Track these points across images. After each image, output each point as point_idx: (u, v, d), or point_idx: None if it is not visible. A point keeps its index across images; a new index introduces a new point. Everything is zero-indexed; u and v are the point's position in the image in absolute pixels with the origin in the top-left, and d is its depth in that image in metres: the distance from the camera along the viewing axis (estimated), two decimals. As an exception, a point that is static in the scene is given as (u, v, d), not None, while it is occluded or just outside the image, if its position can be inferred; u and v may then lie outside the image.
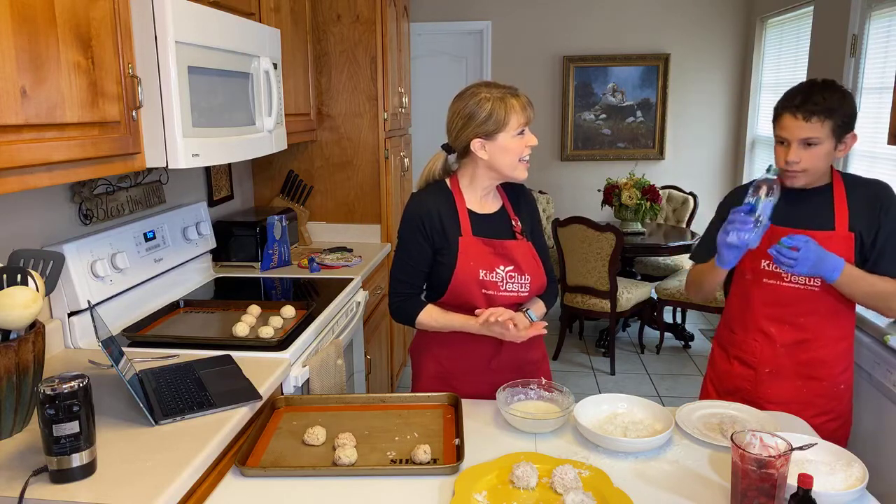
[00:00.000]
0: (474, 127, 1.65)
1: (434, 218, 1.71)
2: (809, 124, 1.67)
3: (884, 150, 3.37)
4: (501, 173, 1.71)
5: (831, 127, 1.67)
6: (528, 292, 1.74)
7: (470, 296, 1.71)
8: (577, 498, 1.19)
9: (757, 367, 1.86)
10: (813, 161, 1.70)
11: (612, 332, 4.28)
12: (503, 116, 1.64)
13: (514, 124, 1.65)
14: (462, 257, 1.70)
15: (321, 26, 3.23)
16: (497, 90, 1.67)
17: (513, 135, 1.66)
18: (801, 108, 1.68)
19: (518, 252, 1.73)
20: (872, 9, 3.51)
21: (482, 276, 1.70)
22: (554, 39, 5.49)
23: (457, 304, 1.72)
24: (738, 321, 1.91)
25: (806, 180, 1.74)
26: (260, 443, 1.46)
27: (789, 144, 1.72)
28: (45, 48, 1.34)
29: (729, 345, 1.94)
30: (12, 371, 1.36)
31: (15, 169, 1.28)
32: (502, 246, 1.72)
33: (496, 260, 1.71)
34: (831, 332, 1.81)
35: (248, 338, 1.95)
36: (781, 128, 1.73)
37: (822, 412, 1.82)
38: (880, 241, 1.74)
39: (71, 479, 1.24)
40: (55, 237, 1.95)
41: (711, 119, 5.56)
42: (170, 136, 1.72)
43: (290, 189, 3.34)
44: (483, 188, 1.75)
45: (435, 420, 1.57)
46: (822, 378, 1.82)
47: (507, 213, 1.79)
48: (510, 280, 1.71)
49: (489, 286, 1.71)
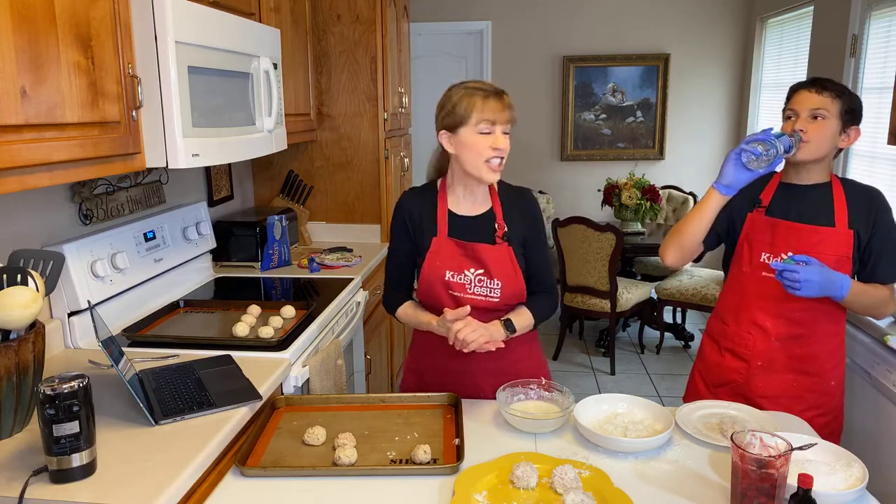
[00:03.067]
0: (441, 118, 1.67)
1: (415, 216, 1.74)
2: (821, 97, 1.73)
3: (884, 150, 3.37)
4: (467, 172, 1.67)
5: (840, 108, 1.73)
6: (498, 297, 1.70)
7: (437, 295, 1.71)
8: (577, 498, 1.19)
9: (750, 359, 1.86)
10: (818, 134, 1.73)
11: (612, 332, 4.28)
12: (463, 109, 1.61)
13: (475, 119, 1.61)
14: (430, 257, 1.71)
15: (321, 26, 3.23)
16: (475, 86, 1.64)
17: (475, 131, 1.61)
18: (815, 83, 1.76)
19: (490, 256, 1.70)
20: (872, 9, 3.51)
21: (448, 277, 1.70)
22: (554, 39, 5.49)
23: (428, 303, 1.76)
24: (731, 314, 1.91)
25: (809, 154, 1.75)
26: (260, 443, 1.46)
27: (797, 117, 1.75)
28: (45, 48, 1.34)
29: (721, 337, 1.94)
30: (12, 371, 1.36)
31: (15, 169, 1.28)
32: (472, 248, 1.70)
33: (465, 262, 1.70)
34: (826, 327, 1.82)
35: (248, 338, 1.95)
36: (793, 102, 1.78)
37: (812, 407, 1.83)
38: (875, 247, 1.75)
39: (71, 479, 1.24)
40: (55, 237, 1.95)
41: (711, 119, 5.56)
42: (170, 136, 1.72)
43: (290, 189, 3.34)
44: (462, 187, 1.74)
45: (435, 420, 1.57)
46: (814, 373, 1.83)
47: (494, 216, 1.75)
48: (479, 283, 1.70)
49: (455, 287, 1.71)
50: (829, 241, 1.75)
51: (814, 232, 1.76)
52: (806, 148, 1.74)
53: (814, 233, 1.76)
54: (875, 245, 1.76)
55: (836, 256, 1.74)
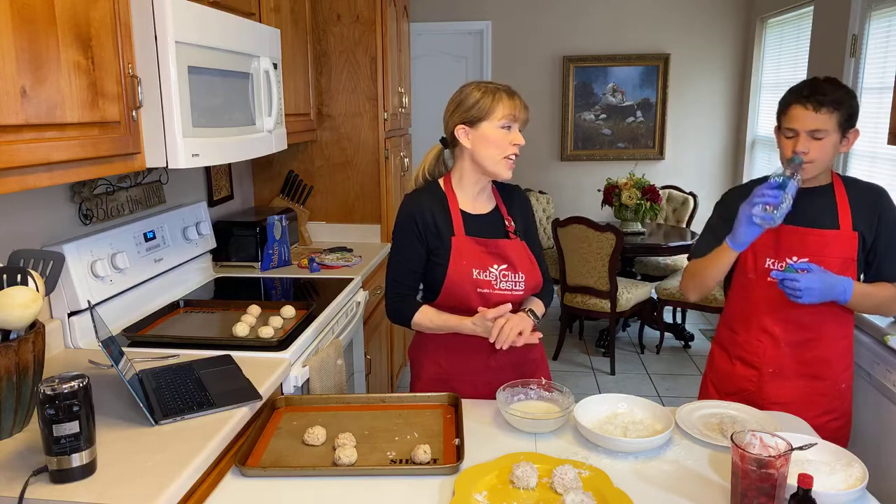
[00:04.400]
0: (461, 113, 1.68)
1: (427, 218, 1.72)
2: (819, 115, 1.66)
3: (884, 150, 3.37)
4: (484, 167, 1.70)
5: (838, 119, 1.67)
6: (522, 290, 1.74)
7: (464, 295, 1.71)
8: (577, 498, 1.19)
9: (760, 367, 1.85)
10: (820, 153, 1.70)
11: (612, 332, 4.28)
12: (488, 105, 1.65)
13: (499, 115, 1.64)
14: (455, 256, 1.70)
15: (321, 26, 3.23)
16: (495, 85, 1.69)
17: (496, 125, 1.65)
18: (810, 98, 1.67)
19: (511, 250, 1.73)
20: (872, 9, 3.51)
21: (476, 276, 1.70)
22: (554, 39, 5.49)
23: (452, 304, 1.72)
24: (739, 321, 1.90)
25: (813, 172, 1.73)
26: (260, 443, 1.46)
27: (797, 136, 1.70)
28: (45, 48, 1.34)
29: (730, 345, 1.93)
30: (12, 371, 1.36)
31: (15, 169, 1.28)
32: (495, 245, 1.72)
33: (489, 259, 1.71)
34: (834, 329, 1.81)
35: (248, 338, 1.95)
36: (790, 119, 1.71)
37: (825, 412, 1.82)
38: (881, 246, 1.74)
39: (71, 479, 1.24)
40: (55, 237, 1.95)
41: (711, 119, 5.56)
42: (170, 136, 1.72)
43: (290, 189, 3.34)
44: (473, 185, 1.75)
45: (435, 420, 1.57)
46: (825, 377, 1.82)
47: (501, 213, 1.79)
48: (504, 279, 1.71)
49: (483, 285, 1.71)
50: (834, 243, 1.73)
51: (818, 235, 1.74)
52: (810, 168, 1.71)
53: (818, 236, 1.74)
54: (881, 244, 1.74)
55: (840, 259, 1.73)
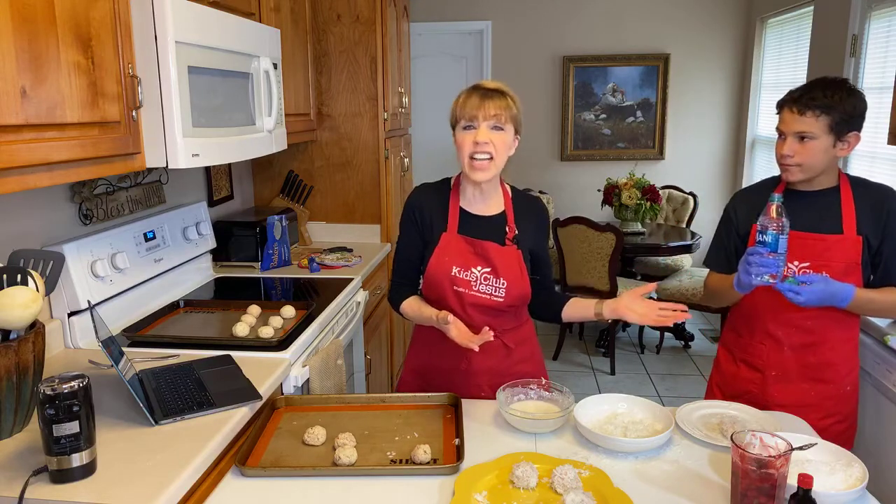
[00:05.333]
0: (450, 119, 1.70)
1: (424, 211, 1.75)
2: (803, 118, 1.68)
3: (884, 150, 3.37)
4: (462, 169, 1.70)
5: (828, 123, 1.67)
6: (502, 298, 1.71)
7: (441, 290, 1.72)
8: (577, 498, 1.19)
9: (764, 370, 1.86)
10: (807, 156, 1.70)
11: (611, 332, 4.28)
12: (456, 108, 1.66)
13: (462, 116, 1.64)
14: (438, 251, 1.72)
15: (321, 26, 3.23)
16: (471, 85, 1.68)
17: (461, 127, 1.65)
18: (797, 102, 1.70)
19: (498, 255, 1.71)
20: (872, 9, 3.51)
21: (454, 273, 1.70)
22: (554, 39, 5.49)
23: (432, 298, 1.76)
24: (744, 324, 1.90)
25: (802, 175, 1.74)
26: (260, 443, 1.46)
27: (786, 138, 1.73)
28: (45, 48, 1.34)
29: (735, 348, 1.94)
30: (12, 371, 1.36)
31: (15, 169, 1.28)
32: (481, 246, 1.71)
33: (474, 259, 1.71)
34: (838, 333, 1.80)
35: (248, 338, 1.95)
36: (780, 120, 1.76)
37: (830, 414, 1.81)
38: (888, 249, 1.73)
39: (71, 479, 1.24)
40: (55, 237, 1.95)
41: (711, 119, 5.56)
42: (170, 136, 1.72)
43: (290, 189, 3.34)
44: (469, 186, 1.75)
45: (435, 420, 1.57)
46: (830, 380, 1.82)
47: (506, 218, 1.76)
48: (484, 282, 1.71)
49: (460, 284, 1.71)
50: (837, 248, 1.73)
51: (820, 240, 1.74)
52: (798, 171, 1.72)
53: (820, 241, 1.74)
54: (887, 247, 1.73)
55: (844, 264, 1.72)
